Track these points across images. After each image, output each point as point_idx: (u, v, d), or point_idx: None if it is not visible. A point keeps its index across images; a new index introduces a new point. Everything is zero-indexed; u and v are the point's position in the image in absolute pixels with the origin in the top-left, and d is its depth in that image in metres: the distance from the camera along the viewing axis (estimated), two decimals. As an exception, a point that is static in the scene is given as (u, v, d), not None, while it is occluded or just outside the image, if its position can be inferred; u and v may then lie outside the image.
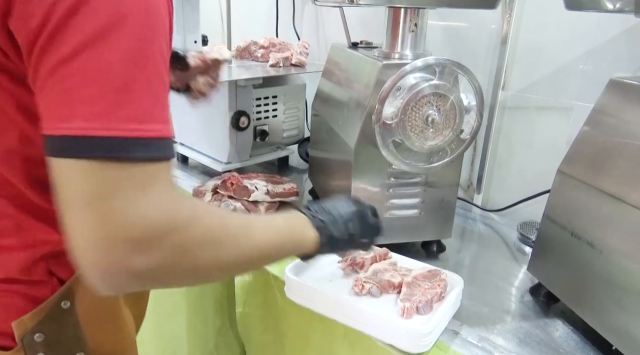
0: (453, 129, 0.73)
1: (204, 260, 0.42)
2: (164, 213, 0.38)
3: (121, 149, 0.36)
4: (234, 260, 0.45)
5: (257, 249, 0.48)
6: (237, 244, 0.45)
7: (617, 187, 0.60)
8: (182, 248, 0.39)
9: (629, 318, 0.58)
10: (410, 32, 0.78)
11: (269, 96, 1.17)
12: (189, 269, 0.41)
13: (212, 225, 0.43)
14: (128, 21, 0.36)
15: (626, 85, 0.63)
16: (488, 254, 0.91)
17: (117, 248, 0.36)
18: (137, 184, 0.37)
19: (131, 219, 0.36)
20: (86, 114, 0.35)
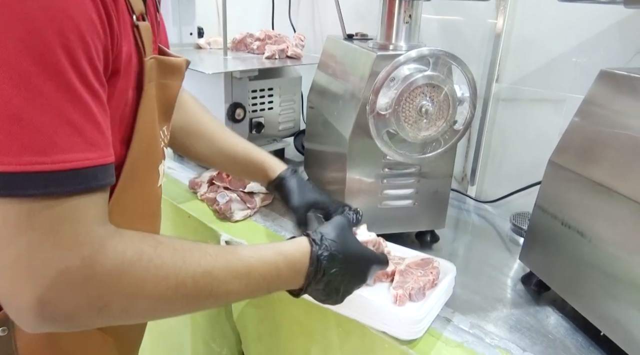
0: (446, 120, 0.74)
1: (137, 306, 0.40)
2: (80, 259, 0.35)
3: (17, 184, 0.32)
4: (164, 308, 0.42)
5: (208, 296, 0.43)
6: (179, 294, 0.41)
7: (606, 176, 0.61)
8: (100, 298, 0.37)
9: (617, 305, 0.59)
10: (404, 23, 0.79)
11: (264, 88, 1.17)
12: (113, 317, 0.39)
13: (139, 276, 0.39)
14: (13, 32, 0.31)
15: (616, 75, 0.64)
16: (481, 245, 0.92)
17: (26, 296, 0.34)
18: (47, 223, 0.34)
19: (40, 265, 0.34)
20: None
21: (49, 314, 0.35)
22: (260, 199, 0.98)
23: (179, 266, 0.41)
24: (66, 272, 0.35)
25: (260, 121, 1.17)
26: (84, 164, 0.35)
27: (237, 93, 1.08)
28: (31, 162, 0.32)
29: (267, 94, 1.18)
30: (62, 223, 0.34)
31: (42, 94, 0.32)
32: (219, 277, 0.44)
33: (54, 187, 0.33)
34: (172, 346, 1.11)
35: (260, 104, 1.18)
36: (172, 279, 0.40)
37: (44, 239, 0.34)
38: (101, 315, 0.38)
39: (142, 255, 0.39)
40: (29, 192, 0.33)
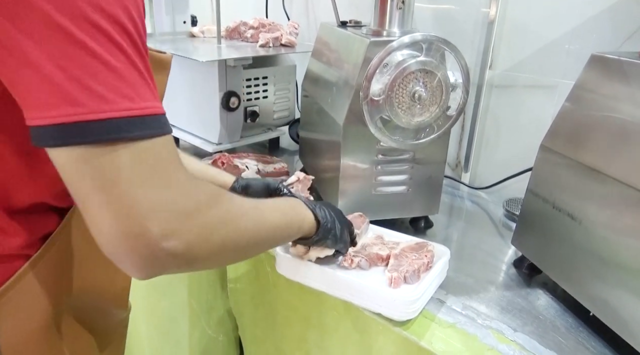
0: (439, 106, 0.75)
1: (227, 238, 0.43)
2: (183, 195, 0.38)
3: (118, 130, 0.35)
4: (253, 237, 0.47)
5: (269, 226, 0.51)
6: (253, 221, 0.47)
7: (596, 159, 0.62)
8: (207, 228, 0.40)
9: (606, 286, 0.60)
10: (397, 9, 0.79)
11: (259, 77, 1.17)
12: (217, 248, 0.42)
13: (229, 205, 0.44)
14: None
15: (606, 60, 0.64)
16: (475, 230, 0.93)
17: (144, 236, 0.36)
18: (147, 166, 0.37)
19: (152, 205, 0.36)
20: (73, 99, 0.34)
21: (170, 249, 0.37)
22: (255, 187, 0.99)
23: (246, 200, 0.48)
24: (178, 205, 0.38)
25: (254, 110, 1.17)
26: (160, 110, 0.38)
27: (232, 81, 1.08)
28: (126, 108, 0.35)
29: (262, 83, 1.18)
30: (162, 162, 0.38)
31: (121, 49, 0.36)
32: (266, 209, 0.52)
33: (149, 129, 0.37)
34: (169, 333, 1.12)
35: (255, 93, 1.18)
36: (252, 207, 0.48)
37: (153, 178, 0.37)
38: (203, 249, 0.40)
39: (221, 190, 0.45)
40: (133, 135, 0.35)
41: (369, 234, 0.78)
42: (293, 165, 1.17)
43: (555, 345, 0.61)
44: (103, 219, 0.36)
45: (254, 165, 1.00)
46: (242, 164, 0.98)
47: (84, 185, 0.36)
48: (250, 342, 0.92)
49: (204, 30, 1.30)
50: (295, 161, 1.21)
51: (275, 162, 1.06)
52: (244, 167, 0.98)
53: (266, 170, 1.01)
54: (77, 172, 0.36)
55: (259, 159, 1.04)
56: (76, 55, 0.34)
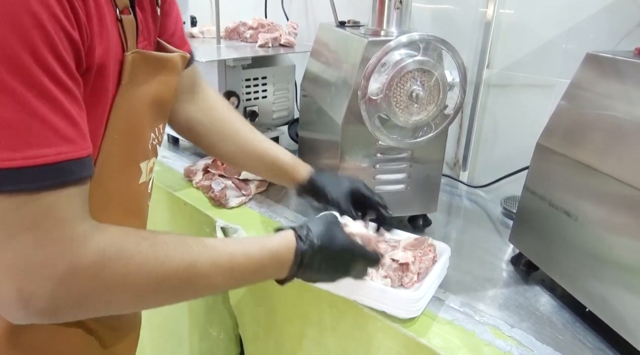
0: (437, 105, 0.75)
1: (117, 298, 0.41)
2: (61, 254, 0.36)
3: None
4: (153, 297, 0.44)
5: (192, 290, 0.46)
6: (161, 285, 0.42)
7: (591, 157, 0.63)
8: (82, 294, 0.38)
9: (601, 283, 0.61)
10: (395, 9, 0.79)
11: (258, 77, 1.18)
12: (104, 305, 0.41)
13: (127, 267, 0.40)
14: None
15: (601, 58, 0.65)
16: (473, 228, 0.94)
17: (9, 292, 0.35)
18: (24, 221, 0.34)
19: (20, 263, 0.34)
20: None
21: (32, 308, 0.36)
22: (255, 186, 0.99)
23: (161, 261, 0.42)
24: (47, 268, 0.35)
25: (254, 110, 1.18)
26: (57, 158, 0.35)
27: (231, 81, 1.08)
28: (2, 159, 0.33)
29: (261, 83, 1.19)
30: (41, 219, 0.35)
31: (9, 92, 0.32)
32: (202, 272, 0.45)
33: (28, 182, 0.34)
34: (170, 332, 1.13)
35: (254, 93, 1.18)
36: (154, 274, 0.41)
37: (23, 236, 0.34)
38: (83, 308, 0.39)
39: (122, 252, 0.40)
40: (3, 189, 0.33)
41: (370, 231, 0.78)
42: (292, 165, 1.18)
43: (552, 341, 0.62)
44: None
45: (253, 165, 1.00)
46: (242, 164, 0.99)
47: None
48: (250, 340, 0.93)
49: (204, 31, 1.31)
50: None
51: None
52: (244, 167, 0.98)
53: (266, 169, 1.02)
54: None
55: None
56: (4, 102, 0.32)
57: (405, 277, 0.66)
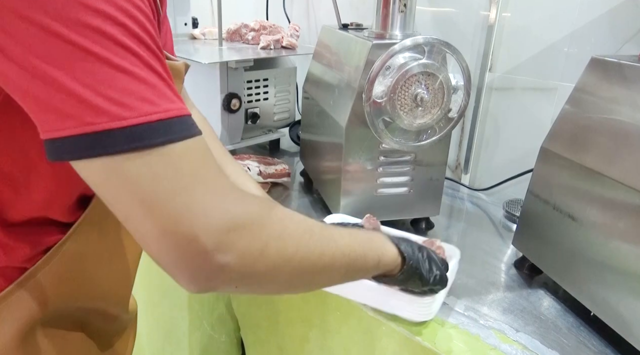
0: (441, 108, 0.75)
1: (287, 255, 0.38)
2: (232, 203, 0.35)
3: (141, 137, 0.32)
4: (319, 260, 0.41)
5: (340, 251, 0.43)
6: (319, 242, 0.41)
7: (596, 161, 0.63)
8: (262, 241, 0.36)
9: (606, 287, 0.61)
10: (399, 12, 0.79)
11: (260, 79, 1.17)
12: (275, 265, 0.37)
13: (285, 218, 0.39)
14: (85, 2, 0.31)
15: (606, 63, 0.65)
16: (475, 231, 0.94)
17: (195, 249, 0.33)
18: (183, 172, 0.33)
19: (200, 214, 0.33)
20: (91, 107, 0.31)
21: (221, 263, 0.34)
22: (257, 188, 0.99)
23: (320, 226, 0.43)
24: (230, 216, 0.34)
25: (255, 112, 1.17)
26: (186, 112, 0.35)
27: (233, 83, 1.08)
28: (149, 113, 0.32)
29: (263, 85, 1.19)
30: (201, 168, 0.34)
31: (137, 55, 0.33)
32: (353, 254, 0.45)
33: (175, 132, 0.33)
34: (170, 334, 1.12)
35: (256, 95, 1.18)
36: (320, 236, 0.42)
37: (197, 188, 0.34)
38: (259, 262, 0.36)
39: (277, 204, 0.40)
40: (158, 141, 0.32)
41: None
42: (294, 167, 1.18)
43: (557, 345, 0.61)
44: (149, 234, 0.33)
45: (255, 167, 1.00)
46: (244, 165, 0.99)
47: (120, 200, 0.33)
48: (252, 343, 0.92)
49: (205, 32, 1.30)
50: (296, 162, 1.22)
51: (276, 163, 1.06)
52: (246, 169, 0.98)
53: (268, 171, 1.01)
54: (108, 186, 0.33)
55: (260, 160, 1.04)
56: (85, 62, 0.31)
57: None
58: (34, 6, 0.30)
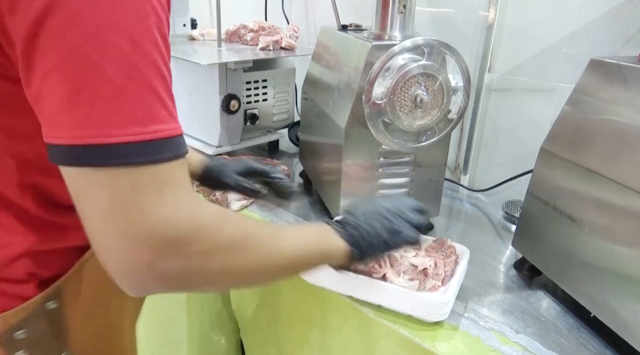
0: (441, 109, 0.75)
1: (229, 266, 0.42)
2: (185, 218, 0.38)
3: (124, 154, 0.35)
4: (260, 267, 0.45)
5: (282, 256, 0.47)
6: (262, 250, 0.45)
7: (596, 162, 0.63)
8: (207, 253, 0.40)
9: (606, 288, 0.61)
10: (399, 13, 0.79)
11: (258, 80, 1.17)
12: (216, 275, 0.41)
13: (235, 232, 0.43)
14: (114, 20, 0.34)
15: (606, 64, 0.65)
16: (474, 232, 0.94)
17: (141, 255, 0.36)
18: (152, 189, 0.37)
19: (153, 226, 0.36)
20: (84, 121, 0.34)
21: (160, 273, 0.38)
22: (256, 190, 0.99)
23: (268, 236, 0.46)
24: (177, 231, 0.38)
25: (254, 113, 1.17)
26: (174, 133, 0.38)
27: (232, 84, 1.08)
28: (135, 133, 0.35)
29: (261, 86, 1.19)
30: (165, 187, 0.38)
31: (138, 71, 0.36)
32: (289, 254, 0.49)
33: (156, 154, 0.37)
34: (169, 336, 1.12)
35: (255, 96, 1.18)
36: (267, 249, 0.46)
37: (155, 202, 0.37)
38: (199, 275, 0.40)
39: (228, 213, 0.46)
40: (137, 160, 0.36)
41: None
42: (293, 168, 1.18)
43: (557, 346, 0.61)
44: (105, 238, 0.37)
45: (254, 168, 1.00)
46: (243, 167, 0.99)
47: (88, 205, 0.37)
48: (252, 344, 0.92)
49: (204, 33, 1.30)
50: (295, 163, 1.22)
51: (276, 164, 1.06)
52: (245, 170, 0.98)
53: (267, 173, 1.01)
54: (83, 193, 0.36)
55: (259, 161, 1.04)
56: (92, 78, 0.34)
57: (431, 280, 0.66)
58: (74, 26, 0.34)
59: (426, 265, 0.66)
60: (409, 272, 0.66)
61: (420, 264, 0.66)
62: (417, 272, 0.66)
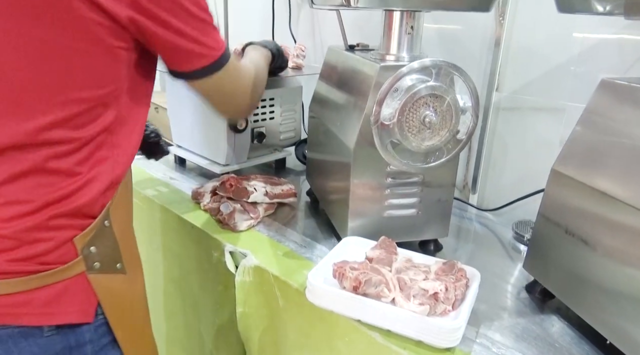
0: (449, 130, 0.75)
1: (257, 91, 0.83)
2: (251, 84, 0.77)
3: (223, 60, 0.66)
4: (264, 79, 0.89)
5: (261, 68, 0.87)
6: (262, 72, 0.87)
7: (608, 184, 0.62)
8: (258, 95, 0.83)
9: (622, 313, 0.59)
10: (406, 34, 0.79)
11: (266, 98, 1.18)
12: (257, 97, 0.83)
13: (256, 78, 0.80)
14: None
15: (616, 85, 0.64)
16: (484, 253, 0.92)
17: (250, 103, 0.79)
18: (237, 71, 0.72)
19: (250, 90, 0.76)
20: (208, 46, 0.63)
21: (251, 107, 0.84)
22: (263, 209, 0.98)
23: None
24: (252, 90, 0.77)
25: (261, 131, 1.17)
26: (225, 44, 0.67)
27: (239, 103, 1.08)
28: (222, 47, 0.65)
29: (269, 104, 1.19)
30: (240, 69, 0.73)
31: (208, 18, 0.63)
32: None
33: (229, 55, 0.67)
34: (175, 357, 1.11)
35: (262, 114, 1.18)
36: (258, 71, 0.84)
37: (244, 80, 0.75)
38: (256, 101, 0.84)
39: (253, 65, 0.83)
40: (228, 59, 0.67)
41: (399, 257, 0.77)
42: (299, 186, 1.17)
43: (573, 375, 0.60)
44: (234, 103, 0.76)
45: (262, 187, 1.00)
46: (250, 186, 0.98)
47: (216, 96, 0.72)
48: (257, 367, 0.90)
49: (212, 52, 1.31)
50: (302, 181, 1.21)
51: (283, 183, 1.05)
52: (252, 189, 0.98)
53: (274, 192, 1.01)
54: (217, 86, 0.68)
55: (266, 180, 1.04)
56: (196, 27, 0.61)
57: (441, 305, 0.65)
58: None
59: (437, 289, 0.64)
60: (419, 296, 0.65)
61: (430, 288, 0.65)
62: (427, 297, 0.64)
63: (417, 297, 0.65)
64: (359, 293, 0.65)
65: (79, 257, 0.59)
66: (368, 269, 0.68)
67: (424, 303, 0.64)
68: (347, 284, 0.66)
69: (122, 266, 0.65)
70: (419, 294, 0.65)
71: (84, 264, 0.60)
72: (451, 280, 0.68)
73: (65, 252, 0.58)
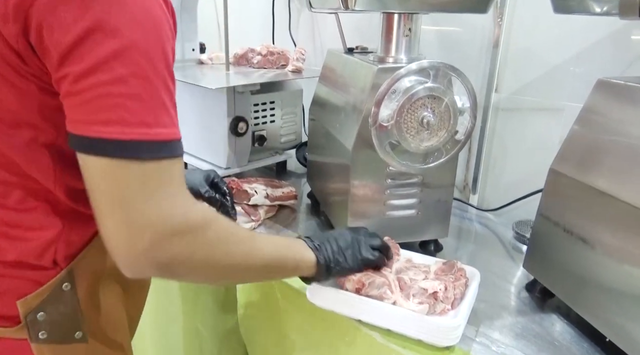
0: (448, 130, 0.75)
1: (212, 259, 0.48)
2: (180, 214, 0.44)
3: (132, 149, 0.41)
4: (239, 263, 0.51)
5: (261, 256, 0.53)
6: (243, 248, 0.51)
7: (607, 183, 0.62)
8: (192, 247, 0.45)
9: (621, 311, 0.60)
10: (404, 36, 0.80)
11: (266, 102, 1.19)
12: (200, 266, 0.47)
13: (220, 230, 0.49)
14: (137, 43, 0.42)
15: (613, 84, 0.65)
16: (484, 253, 0.92)
17: (139, 242, 0.42)
18: (151, 184, 0.43)
19: (154, 217, 0.42)
20: (104, 120, 0.41)
21: (153, 259, 0.43)
22: (264, 211, 0.99)
23: (248, 237, 0.53)
24: (173, 224, 0.44)
25: (262, 134, 1.18)
26: (174, 136, 0.44)
27: (240, 107, 1.09)
28: (143, 133, 0.42)
29: (269, 108, 1.20)
30: (165, 183, 0.44)
31: (147, 80, 0.43)
32: (266, 257, 0.55)
33: (159, 152, 0.43)
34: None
35: (262, 118, 1.19)
36: (243, 248, 0.51)
37: (156, 196, 0.43)
38: (186, 264, 0.46)
39: (220, 220, 0.50)
40: (142, 156, 0.42)
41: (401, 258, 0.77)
42: (300, 188, 1.18)
43: (573, 373, 0.60)
44: (108, 223, 0.43)
45: (262, 190, 1.00)
46: (251, 189, 0.99)
47: (100, 191, 0.43)
48: (259, 369, 0.91)
49: (213, 57, 1.32)
50: (303, 184, 1.22)
51: (283, 186, 1.06)
52: (253, 192, 0.98)
53: (275, 194, 1.01)
54: (97, 179, 0.43)
55: (267, 183, 1.04)
56: (114, 89, 0.41)
57: (441, 304, 0.65)
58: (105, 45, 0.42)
59: (436, 288, 0.65)
60: (419, 296, 0.65)
61: (430, 288, 0.65)
62: (426, 296, 0.65)
63: (416, 296, 0.65)
64: (362, 295, 0.66)
65: (20, 324, 0.51)
66: (370, 271, 0.68)
67: (424, 302, 0.64)
68: (350, 286, 0.66)
69: (83, 335, 0.55)
70: (418, 293, 0.65)
71: (25, 332, 0.51)
72: (451, 279, 0.68)
73: (4, 312, 0.50)
